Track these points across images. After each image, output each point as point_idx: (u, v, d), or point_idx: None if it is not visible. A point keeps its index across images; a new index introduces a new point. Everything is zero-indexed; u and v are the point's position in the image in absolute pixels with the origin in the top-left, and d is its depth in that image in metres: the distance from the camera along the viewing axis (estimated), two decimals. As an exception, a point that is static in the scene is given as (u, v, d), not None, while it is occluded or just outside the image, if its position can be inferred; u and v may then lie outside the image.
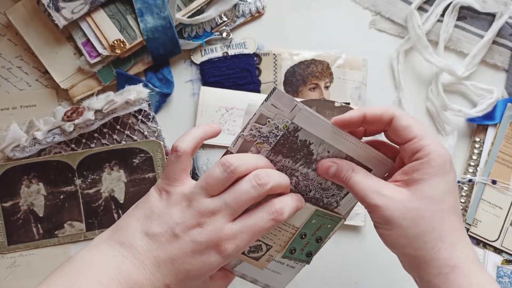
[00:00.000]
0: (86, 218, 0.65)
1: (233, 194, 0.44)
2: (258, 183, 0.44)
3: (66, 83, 0.66)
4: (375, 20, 0.71)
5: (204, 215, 0.43)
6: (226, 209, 0.44)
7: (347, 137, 0.47)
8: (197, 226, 0.43)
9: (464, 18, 0.70)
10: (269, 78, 0.69)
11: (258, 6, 0.70)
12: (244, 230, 0.44)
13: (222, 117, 0.67)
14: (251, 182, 0.44)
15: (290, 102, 0.45)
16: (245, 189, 0.44)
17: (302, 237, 0.50)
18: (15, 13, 0.66)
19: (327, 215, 0.50)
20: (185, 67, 0.69)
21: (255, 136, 0.46)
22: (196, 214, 0.43)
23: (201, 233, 0.43)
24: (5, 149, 0.63)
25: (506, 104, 0.67)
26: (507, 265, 0.65)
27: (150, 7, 0.65)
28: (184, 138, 0.47)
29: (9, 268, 0.64)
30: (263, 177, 0.44)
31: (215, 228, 0.43)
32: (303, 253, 0.51)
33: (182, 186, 0.45)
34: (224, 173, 0.44)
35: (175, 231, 0.43)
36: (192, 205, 0.44)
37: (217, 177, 0.44)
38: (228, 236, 0.43)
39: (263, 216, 0.44)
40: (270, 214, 0.44)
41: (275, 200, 0.45)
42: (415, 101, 0.70)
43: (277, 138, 0.46)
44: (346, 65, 0.69)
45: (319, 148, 0.47)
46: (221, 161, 0.44)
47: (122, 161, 0.65)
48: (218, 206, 0.44)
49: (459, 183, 0.67)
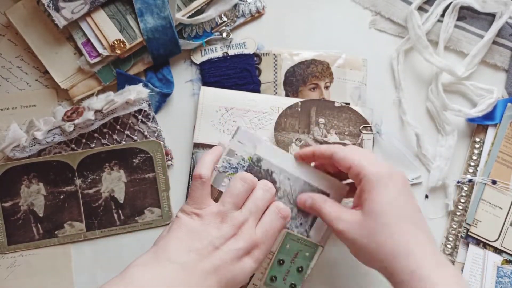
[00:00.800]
0: (86, 218, 0.65)
1: (253, 202, 0.53)
2: (267, 187, 0.54)
3: (66, 83, 0.66)
4: (375, 20, 0.71)
5: (237, 226, 0.51)
6: (252, 216, 0.52)
7: (304, 166, 0.57)
8: (233, 236, 0.51)
9: (464, 18, 0.70)
10: (269, 78, 0.69)
11: (258, 6, 0.70)
12: (266, 234, 0.52)
13: (222, 117, 0.67)
14: (262, 188, 0.54)
15: (252, 138, 0.57)
16: (260, 195, 0.53)
17: (280, 263, 0.56)
18: (15, 13, 0.66)
19: (300, 239, 0.56)
20: (185, 67, 0.69)
21: (226, 167, 0.56)
22: (231, 227, 0.51)
23: (238, 242, 0.50)
24: (5, 149, 0.63)
25: (506, 104, 0.67)
26: (507, 265, 0.65)
27: (150, 7, 0.65)
28: (203, 165, 0.54)
29: (9, 268, 0.64)
30: (268, 183, 0.55)
31: (248, 235, 0.51)
32: (285, 284, 0.57)
33: (210, 207, 0.52)
34: (245, 185, 0.53)
35: (215, 244, 0.50)
36: (226, 220, 0.51)
37: (240, 190, 0.53)
38: (256, 243, 0.51)
39: (273, 217, 0.53)
40: (278, 213, 0.54)
41: (274, 203, 0.55)
42: (415, 101, 0.70)
43: (244, 168, 0.56)
44: (346, 65, 0.69)
45: (281, 176, 0.57)
46: (239, 177, 0.54)
47: (122, 161, 0.65)
48: (245, 215, 0.52)
49: (459, 183, 0.67)
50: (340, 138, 0.67)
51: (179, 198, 0.66)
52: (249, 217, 0.52)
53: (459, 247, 0.66)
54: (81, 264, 0.65)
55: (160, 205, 0.66)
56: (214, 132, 0.66)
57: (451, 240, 0.66)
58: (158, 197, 0.66)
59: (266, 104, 0.67)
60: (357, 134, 0.67)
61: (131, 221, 0.65)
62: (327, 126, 0.67)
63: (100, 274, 0.65)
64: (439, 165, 0.67)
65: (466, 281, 0.63)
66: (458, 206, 0.67)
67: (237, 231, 0.51)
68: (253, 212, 0.52)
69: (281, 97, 0.68)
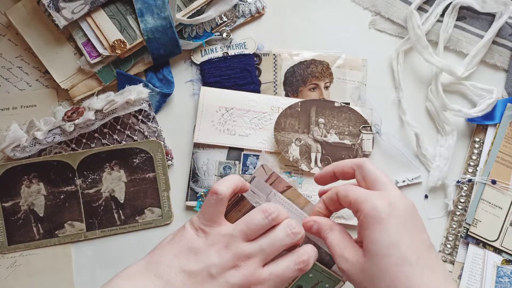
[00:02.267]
0: (87, 218, 0.65)
1: (269, 241, 0.47)
2: (293, 231, 0.48)
3: (67, 83, 0.66)
4: (375, 20, 0.72)
5: (240, 258, 0.46)
6: (261, 254, 0.47)
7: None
8: (232, 268, 0.46)
9: (464, 18, 0.71)
10: (269, 78, 0.69)
11: (258, 6, 0.70)
12: (272, 278, 0.47)
13: (222, 117, 0.67)
14: (286, 230, 0.47)
15: (266, 189, 0.52)
16: (280, 237, 0.47)
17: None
18: (15, 13, 0.66)
19: (324, 272, 0.52)
20: (185, 67, 0.69)
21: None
22: (233, 257, 0.46)
23: (235, 276, 0.46)
24: (6, 149, 0.63)
25: (506, 104, 0.67)
26: (507, 265, 0.65)
27: (150, 7, 0.65)
28: (223, 183, 0.49)
29: (9, 268, 0.64)
30: (296, 227, 0.48)
31: (249, 272, 0.46)
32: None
33: (220, 228, 0.48)
34: (265, 220, 0.47)
35: (211, 272, 0.45)
36: (230, 247, 0.46)
37: (258, 223, 0.47)
38: (258, 281, 0.46)
39: (290, 265, 0.47)
40: (297, 264, 0.47)
41: (300, 250, 0.48)
42: (414, 101, 0.70)
43: None
44: (346, 65, 0.69)
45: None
46: (262, 208, 0.48)
47: (123, 161, 0.65)
48: (254, 250, 0.47)
49: (459, 183, 0.67)
50: (340, 138, 0.67)
51: (179, 198, 0.66)
52: (258, 253, 0.46)
53: (459, 247, 0.66)
54: (81, 264, 0.65)
55: (160, 205, 0.66)
56: (214, 132, 0.66)
57: (450, 240, 0.66)
58: (159, 197, 0.66)
59: (266, 104, 0.67)
60: (356, 134, 0.67)
61: (131, 221, 0.65)
62: (327, 126, 0.67)
63: (100, 274, 0.65)
64: (439, 165, 0.67)
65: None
66: (457, 206, 0.67)
67: (240, 264, 0.46)
68: (265, 250, 0.47)
69: (281, 97, 0.68)
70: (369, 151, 0.67)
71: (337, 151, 0.67)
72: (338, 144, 0.67)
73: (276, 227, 0.48)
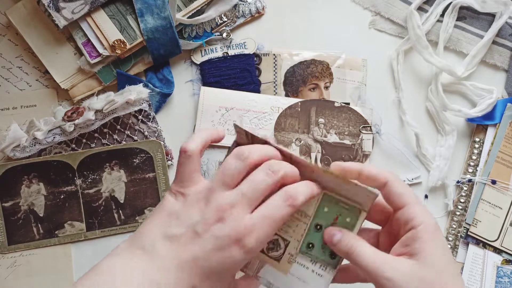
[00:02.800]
0: (87, 218, 0.65)
1: (249, 184, 0.44)
2: (271, 170, 0.44)
3: (67, 83, 0.66)
4: (375, 20, 0.72)
5: (223, 210, 0.43)
6: (244, 199, 0.43)
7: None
8: (218, 221, 0.43)
9: (464, 18, 0.71)
10: (269, 78, 0.69)
11: (258, 6, 0.70)
12: (263, 221, 0.43)
13: (222, 117, 0.67)
14: (265, 170, 0.44)
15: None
16: (260, 178, 0.44)
17: (317, 228, 0.48)
18: (15, 13, 0.66)
19: (340, 201, 0.47)
20: (185, 67, 0.69)
21: None
22: (216, 210, 0.43)
23: (222, 228, 0.42)
24: (6, 149, 0.63)
25: (506, 104, 0.67)
26: (507, 265, 0.65)
27: (150, 8, 0.65)
28: (191, 140, 0.47)
29: (9, 268, 0.64)
30: (275, 165, 0.44)
31: (236, 221, 0.43)
32: (325, 253, 0.48)
33: (196, 186, 0.45)
34: (239, 161, 0.44)
35: (196, 230, 0.43)
36: (211, 201, 0.44)
37: (234, 167, 0.44)
38: (248, 228, 0.43)
39: (278, 203, 0.44)
40: (285, 200, 0.44)
41: (287, 186, 0.45)
42: (414, 101, 0.70)
43: None
44: (346, 65, 0.69)
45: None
46: (234, 153, 0.45)
47: (123, 161, 0.65)
48: (236, 198, 0.43)
49: (459, 183, 0.67)
50: (340, 138, 0.67)
51: (179, 198, 0.66)
52: (240, 200, 0.43)
53: (459, 247, 0.66)
54: (81, 264, 0.65)
55: (160, 205, 0.66)
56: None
57: (451, 240, 0.66)
58: (159, 197, 0.66)
59: (266, 104, 0.67)
60: (357, 134, 0.67)
61: (131, 221, 0.65)
62: (327, 126, 0.67)
63: (100, 274, 0.65)
64: (439, 165, 0.67)
65: None
66: (457, 206, 0.67)
67: (224, 215, 0.43)
68: (247, 195, 0.43)
69: (281, 97, 0.68)
70: (369, 151, 0.67)
71: (337, 151, 0.67)
72: (338, 144, 0.67)
73: (255, 171, 0.45)
